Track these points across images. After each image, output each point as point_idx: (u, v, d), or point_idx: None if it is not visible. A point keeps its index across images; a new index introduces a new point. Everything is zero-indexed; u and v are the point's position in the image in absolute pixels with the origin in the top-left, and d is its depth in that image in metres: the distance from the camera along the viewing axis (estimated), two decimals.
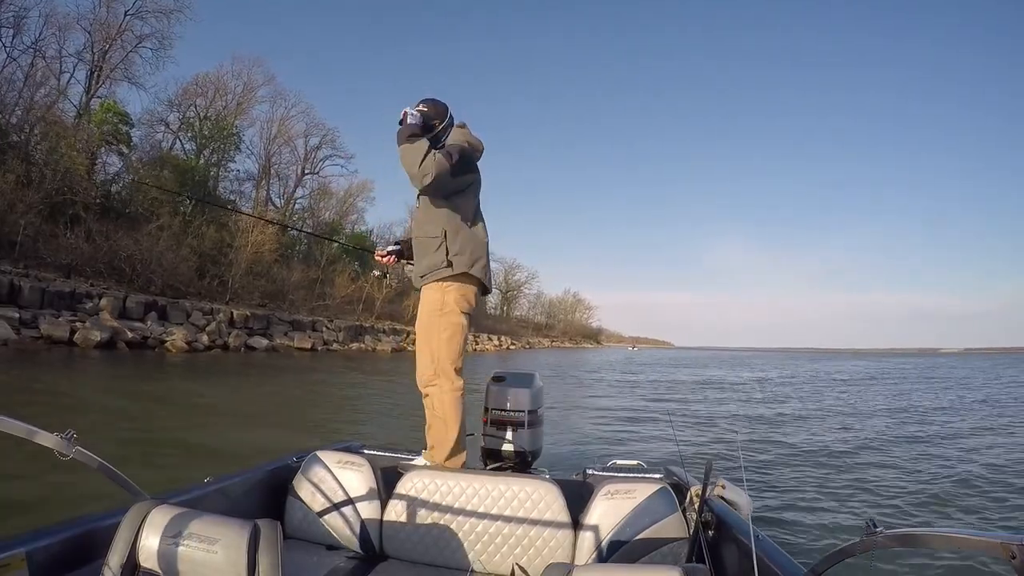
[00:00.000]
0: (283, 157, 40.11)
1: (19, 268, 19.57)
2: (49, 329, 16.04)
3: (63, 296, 18.07)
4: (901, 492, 5.37)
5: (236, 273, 27.15)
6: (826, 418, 11.02)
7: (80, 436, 1.17)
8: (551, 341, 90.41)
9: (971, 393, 17.58)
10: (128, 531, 1.07)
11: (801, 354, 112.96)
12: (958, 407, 13.38)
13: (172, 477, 4.15)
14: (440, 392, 2.38)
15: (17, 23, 26.32)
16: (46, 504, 3.59)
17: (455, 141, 2.46)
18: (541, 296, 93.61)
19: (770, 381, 23.17)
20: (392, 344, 34.35)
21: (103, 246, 21.42)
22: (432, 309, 2.41)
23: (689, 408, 12.68)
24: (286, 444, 6.31)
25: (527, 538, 1.86)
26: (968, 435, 8.92)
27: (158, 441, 6.23)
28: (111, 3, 30.05)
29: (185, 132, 34.30)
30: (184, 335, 19.81)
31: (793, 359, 64.06)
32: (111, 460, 1.26)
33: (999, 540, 0.81)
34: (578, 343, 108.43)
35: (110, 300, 18.91)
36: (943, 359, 71.28)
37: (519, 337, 71.82)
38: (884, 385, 21.46)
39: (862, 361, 57.07)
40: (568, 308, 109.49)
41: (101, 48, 30.07)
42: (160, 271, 22.91)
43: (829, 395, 16.72)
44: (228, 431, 7.26)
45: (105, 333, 16.97)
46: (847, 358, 77.03)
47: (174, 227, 25.12)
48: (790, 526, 4.26)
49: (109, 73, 30.36)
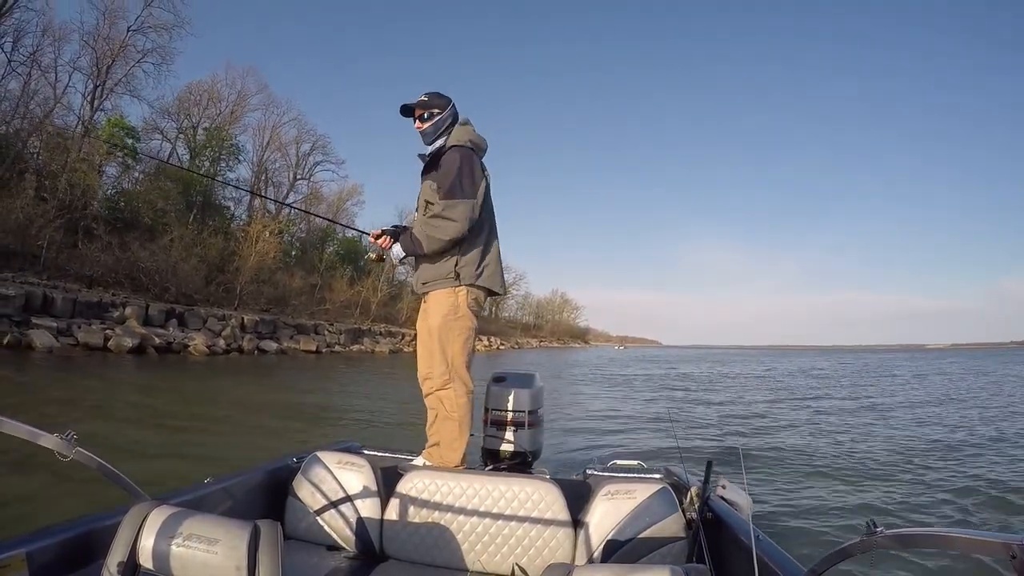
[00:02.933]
0: (275, 163, 41.20)
1: (44, 280, 20.90)
2: (85, 337, 17.49)
3: (91, 306, 19.50)
4: (901, 492, 5.37)
5: (243, 280, 28.58)
6: (826, 418, 11.03)
7: (160, 424, 2.17)
8: (539, 341, 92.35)
9: (970, 389, 17.52)
10: (128, 532, 1.07)
11: (790, 351, 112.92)
12: (955, 403, 13.48)
13: (253, 447, 6.01)
14: (455, 395, 2.41)
15: (16, 35, 27.50)
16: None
17: (458, 140, 2.43)
18: (529, 297, 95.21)
19: (767, 377, 23.60)
20: (389, 346, 35.96)
21: (123, 258, 22.80)
22: (447, 312, 2.40)
23: (689, 408, 12.74)
24: (317, 428, 8.28)
25: (527, 538, 1.86)
26: (968, 434, 8.87)
27: (223, 423, 8.02)
28: (114, 20, 31.33)
29: (181, 141, 35.56)
30: (204, 340, 21.36)
31: (785, 356, 65.39)
32: (198, 439, 2.36)
33: (999, 540, 0.81)
34: (566, 343, 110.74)
35: (134, 309, 20.39)
36: (931, 354, 71.04)
37: (508, 337, 73.41)
38: (880, 381, 21.82)
39: (848, 356, 57.79)
40: (556, 308, 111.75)
41: (105, 63, 31.31)
42: (175, 280, 24.35)
43: (826, 392, 16.86)
44: (270, 420, 8.89)
45: (135, 339, 18.44)
46: (836, 354, 78.64)
47: (186, 238, 26.52)
48: (790, 526, 4.28)
49: (112, 88, 31.61)
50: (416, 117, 2.48)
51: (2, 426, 1.09)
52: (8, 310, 16.85)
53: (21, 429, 1.11)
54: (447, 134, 2.46)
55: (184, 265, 25.24)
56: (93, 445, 1.22)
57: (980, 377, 24.31)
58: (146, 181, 29.51)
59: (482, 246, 2.46)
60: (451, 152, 2.38)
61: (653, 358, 54.83)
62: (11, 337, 15.72)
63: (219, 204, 35.58)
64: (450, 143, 2.41)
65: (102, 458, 1.23)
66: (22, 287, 18.11)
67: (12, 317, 16.84)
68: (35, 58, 27.80)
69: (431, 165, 2.46)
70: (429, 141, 2.49)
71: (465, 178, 2.33)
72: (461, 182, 2.32)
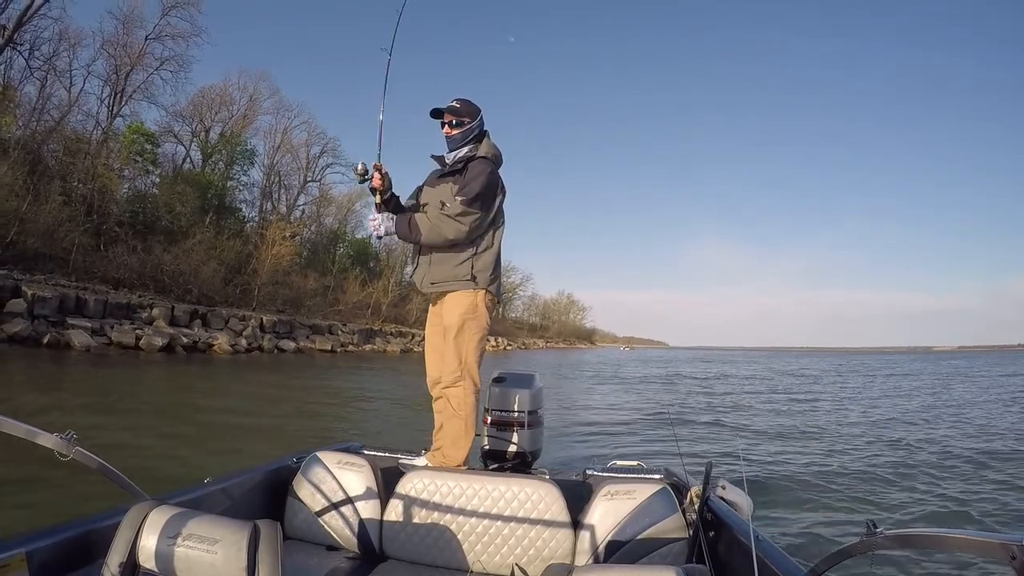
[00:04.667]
0: (285, 166, 41.79)
1: (72, 282, 21.78)
2: (118, 336, 18.37)
3: (121, 307, 20.38)
4: (901, 492, 5.41)
5: (260, 282, 29.47)
6: (826, 418, 11.14)
7: (230, 412, 2.63)
8: (546, 342, 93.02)
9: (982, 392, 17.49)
10: (128, 531, 1.07)
11: (792, 353, 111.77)
12: (961, 406, 13.54)
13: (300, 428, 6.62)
14: (464, 393, 2.43)
15: (33, 41, 28.36)
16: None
17: (487, 153, 2.49)
18: (535, 298, 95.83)
19: (772, 380, 23.68)
20: (400, 346, 36.80)
21: (147, 260, 23.70)
22: (465, 311, 2.44)
23: (688, 408, 12.91)
24: (343, 415, 8.94)
25: (527, 538, 1.86)
26: (968, 434, 8.95)
27: (275, 413, 8.81)
28: (132, 28, 32.28)
29: (194, 144, 36.40)
30: (227, 339, 22.24)
31: (785, 358, 65.61)
32: (268, 423, 2.84)
33: (999, 540, 0.81)
34: (572, 344, 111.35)
35: (161, 310, 21.27)
36: (943, 357, 69.84)
37: (515, 338, 74.12)
38: (886, 383, 22.05)
39: (856, 358, 57.50)
40: (562, 309, 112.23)
41: (124, 71, 32.24)
42: (196, 282, 25.24)
43: (829, 394, 17.00)
44: (307, 407, 9.80)
45: (164, 339, 19.32)
46: (843, 356, 77.75)
47: (205, 241, 27.43)
48: (790, 526, 4.30)
49: (131, 95, 32.54)
50: (446, 122, 2.51)
51: (2, 426, 1.10)
52: (45, 311, 17.73)
53: (21, 428, 1.12)
54: (475, 143, 2.51)
55: (205, 268, 26.12)
56: (170, 435, 1.66)
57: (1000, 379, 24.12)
58: (163, 185, 30.44)
59: (495, 255, 2.53)
60: (481, 162, 2.43)
61: (657, 360, 55.32)
62: (51, 336, 16.62)
63: (233, 207, 36.53)
64: (480, 153, 2.47)
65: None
66: (56, 289, 18.99)
67: (48, 318, 17.73)
68: (51, 63, 28.90)
69: (455, 169, 2.49)
70: (455, 147, 2.52)
71: (488, 193, 2.39)
72: (483, 196, 2.37)
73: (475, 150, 2.48)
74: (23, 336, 16.07)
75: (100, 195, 25.17)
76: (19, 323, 16.39)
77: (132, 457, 4.93)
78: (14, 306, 16.91)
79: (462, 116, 2.48)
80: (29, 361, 13.29)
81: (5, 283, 17.50)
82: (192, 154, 36.25)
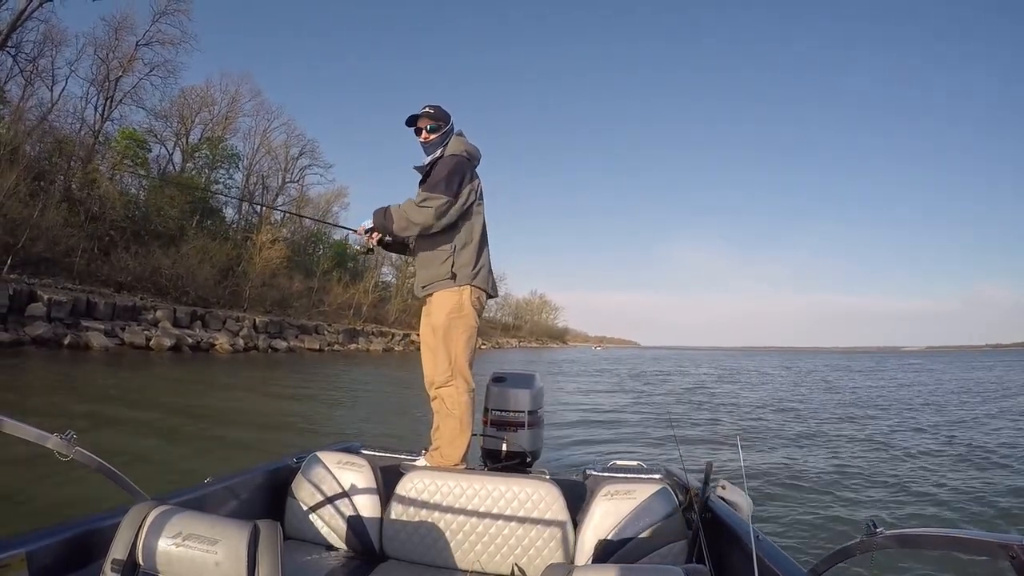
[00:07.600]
0: (265, 167, 42.33)
1: (77, 285, 23.15)
2: (130, 337, 20.08)
3: (127, 309, 21.99)
4: (901, 492, 5.43)
5: (250, 284, 31.15)
6: (825, 418, 11.29)
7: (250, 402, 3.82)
8: (519, 341, 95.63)
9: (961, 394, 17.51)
10: (128, 531, 1.07)
11: (771, 352, 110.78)
12: (949, 404, 13.95)
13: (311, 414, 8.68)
14: (457, 392, 2.45)
15: (18, 42, 29.02)
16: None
17: (454, 151, 2.52)
18: (508, 297, 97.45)
19: (761, 380, 24.26)
20: (382, 345, 38.95)
21: (147, 264, 25.25)
22: (451, 311, 2.46)
23: (688, 409, 13.07)
24: (350, 407, 11.22)
25: (527, 538, 1.86)
26: (967, 434, 9.07)
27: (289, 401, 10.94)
28: (123, 34, 33.24)
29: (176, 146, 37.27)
30: (226, 339, 24.10)
31: (755, 356, 67.92)
32: (287, 410, 4.07)
33: (999, 540, 0.81)
34: (544, 343, 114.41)
35: (165, 312, 22.94)
36: (911, 358, 71.70)
37: (488, 338, 76.02)
38: (875, 382, 22.98)
39: (833, 358, 59.34)
40: (535, 309, 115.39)
41: (115, 75, 33.18)
42: (192, 284, 26.88)
43: (820, 394, 17.43)
44: (317, 396, 11.99)
45: (172, 339, 21.10)
46: (820, 356, 79.13)
47: (199, 245, 29.00)
48: (790, 526, 4.30)
49: (121, 99, 33.51)
50: (422, 127, 2.57)
51: (2, 426, 1.12)
52: (61, 314, 19.29)
53: (21, 428, 1.14)
54: (444, 145, 2.57)
55: (201, 270, 27.77)
56: (216, 425, 2.85)
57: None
58: (152, 189, 31.54)
59: (476, 250, 2.53)
60: (445, 159, 2.50)
61: (624, 359, 58.36)
62: (71, 338, 18.22)
63: (217, 208, 37.58)
64: (447, 153, 2.53)
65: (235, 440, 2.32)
66: (69, 293, 20.49)
67: (64, 320, 19.30)
68: (35, 63, 29.57)
69: (427, 172, 2.54)
70: (432, 151, 2.59)
71: (451, 179, 2.42)
72: (444, 181, 2.41)
73: (444, 150, 2.56)
74: (45, 338, 17.65)
75: (100, 201, 26.43)
76: (40, 326, 17.95)
77: (198, 441, 6.44)
78: (34, 310, 18.44)
79: (437, 120, 2.57)
80: (56, 363, 14.61)
81: (21, 288, 18.95)
82: (174, 156, 37.21)
